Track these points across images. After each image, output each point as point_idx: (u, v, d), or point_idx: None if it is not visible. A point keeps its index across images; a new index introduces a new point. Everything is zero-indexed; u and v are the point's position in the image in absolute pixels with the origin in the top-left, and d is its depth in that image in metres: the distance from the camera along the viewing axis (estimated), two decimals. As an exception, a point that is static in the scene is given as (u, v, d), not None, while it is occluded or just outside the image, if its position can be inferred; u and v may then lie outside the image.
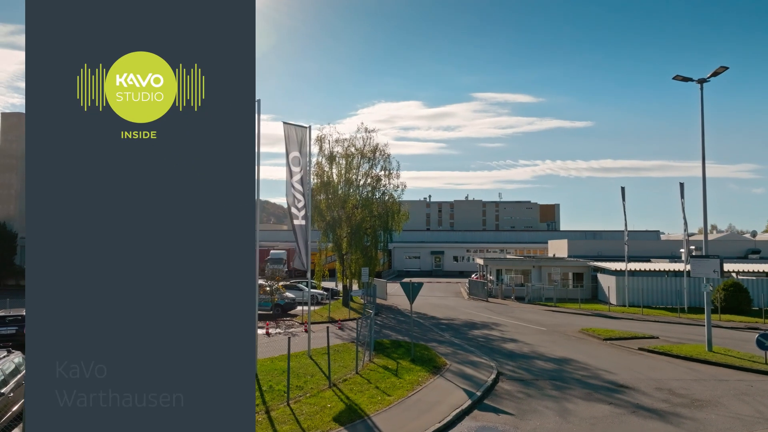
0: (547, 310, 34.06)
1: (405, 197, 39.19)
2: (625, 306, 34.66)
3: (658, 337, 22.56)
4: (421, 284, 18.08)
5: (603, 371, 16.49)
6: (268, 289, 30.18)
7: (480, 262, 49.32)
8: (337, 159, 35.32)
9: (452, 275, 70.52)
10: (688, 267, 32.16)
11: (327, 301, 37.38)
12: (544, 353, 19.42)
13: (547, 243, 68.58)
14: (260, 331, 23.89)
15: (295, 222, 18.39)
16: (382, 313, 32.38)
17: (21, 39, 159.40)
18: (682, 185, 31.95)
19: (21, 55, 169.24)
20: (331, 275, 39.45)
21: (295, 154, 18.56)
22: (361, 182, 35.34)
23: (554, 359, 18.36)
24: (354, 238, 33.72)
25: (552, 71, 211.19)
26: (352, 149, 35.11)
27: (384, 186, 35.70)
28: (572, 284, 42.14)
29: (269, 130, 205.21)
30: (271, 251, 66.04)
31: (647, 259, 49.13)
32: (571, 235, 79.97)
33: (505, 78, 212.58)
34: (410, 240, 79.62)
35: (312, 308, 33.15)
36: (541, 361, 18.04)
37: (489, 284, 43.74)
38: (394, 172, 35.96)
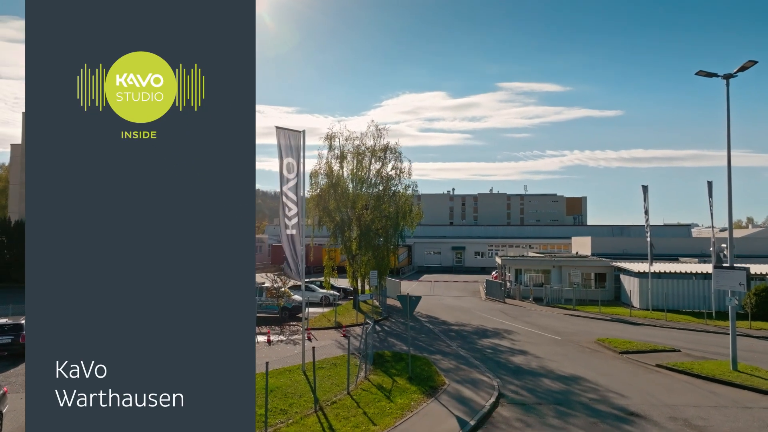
0: (564, 314, 32.69)
1: (428, 190, 38.85)
2: (648, 310, 33.03)
3: (679, 350, 21.11)
4: (419, 297, 17.08)
5: (614, 394, 15.29)
6: (275, 291, 29.59)
7: (498, 261, 47.97)
8: (348, 158, 34.51)
9: (473, 271, 69.25)
10: (717, 269, 30.60)
11: (339, 302, 36.73)
12: (553, 369, 18.26)
13: (572, 238, 66.41)
14: (261, 339, 23.31)
15: (287, 232, 17.59)
16: (392, 316, 31.49)
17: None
18: (710, 184, 30.05)
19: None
20: (341, 272, 38.50)
21: (289, 160, 17.71)
22: (372, 181, 34.42)
23: (563, 377, 17.21)
24: (364, 239, 32.87)
25: (579, 60, 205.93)
26: (363, 147, 34.25)
27: (395, 185, 34.70)
28: (594, 285, 40.54)
29: (295, 122, 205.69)
30: (290, 247, 65.82)
31: (675, 258, 47.06)
32: (597, 231, 77.76)
33: (531, 67, 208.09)
34: (431, 235, 78.51)
35: (321, 310, 32.52)
36: (549, 380, 16.91)
37: (508, 283, 42.51)
38: (406, 170, 34.96)
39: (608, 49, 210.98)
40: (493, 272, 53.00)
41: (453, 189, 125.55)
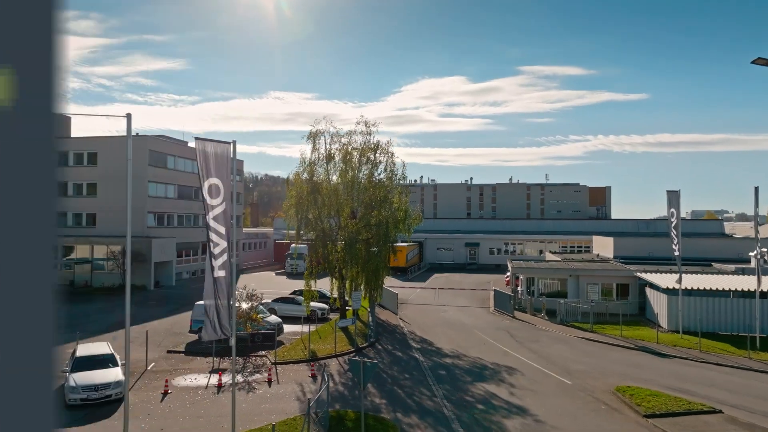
0: (579, 338, 28.35)
1: (447, 178, 35.46)
2: (678, 332, 28.48)
3: (721, 411, 16.78)
4: (375, 364, 13.18)
5: (634, 506, 11.21)
6: (244, 314, 25.37)
7: (510, 267, 43.69)
8: (336, 159, 30.60)
9: (487, 269, 65.06)
10: (762, 287, 26.08)
11: (329, 316, 33.08)
12: (556, 447, 14.20)
13: (593, 237, 61.47)
14: (212, 381, 19.66)
15: (213, 274, 13.69)
16: (381, 341, 27.55)
17: (75, 25, 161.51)
18: (756, 189, 25.34)
19: (78, 41, 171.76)
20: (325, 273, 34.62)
21: (212, 181, 13.81)
22: (361, 185, 30.44)
23: (567, 464, 13.16)
24: (350, 251, 28.99)
25: (603, 42, 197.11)
26: (350, 147, 30.27)
27: (387, 190, 30.62)
28: (616, 296, 36.10)
29: (314, 108, 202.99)
30: (292, 245, 62.30)
31: (708, 263, 42.16)
32: (621, 225, 72.60)
33: (554, 50, 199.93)
34: (444, 229, 74.35)
35: (302, 330, 28.30)
36: (547, 471, 12.89)
37: (519, 294, 38.39)
38: (400, 171, 30.94)
39: (633, 30, 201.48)
40: (506, 274, 48.83)
41: (471, 178, 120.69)
